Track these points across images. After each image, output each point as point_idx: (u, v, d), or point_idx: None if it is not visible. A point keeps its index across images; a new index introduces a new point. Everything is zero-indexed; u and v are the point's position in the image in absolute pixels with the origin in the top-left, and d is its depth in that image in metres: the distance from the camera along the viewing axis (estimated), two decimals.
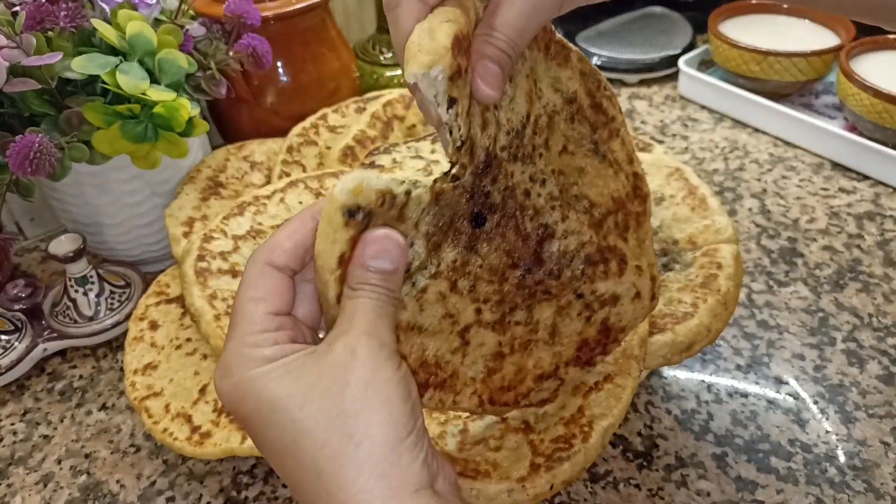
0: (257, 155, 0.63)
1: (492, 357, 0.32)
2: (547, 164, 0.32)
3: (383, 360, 0.26)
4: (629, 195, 0.35)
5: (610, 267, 0.35)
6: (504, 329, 0.32)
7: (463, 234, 0.30)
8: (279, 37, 0.62)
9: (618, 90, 0.88)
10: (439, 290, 0.30)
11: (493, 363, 0.32)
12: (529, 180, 0.31)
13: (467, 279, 0.30)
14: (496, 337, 0.32)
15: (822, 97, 0.82)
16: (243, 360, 0.26)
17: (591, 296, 0.34)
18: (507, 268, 0.31)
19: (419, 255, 0.29)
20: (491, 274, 0.31)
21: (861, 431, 0.47)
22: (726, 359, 0.53)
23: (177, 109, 0.47)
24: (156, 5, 0.52)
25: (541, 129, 0.32)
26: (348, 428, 0.25)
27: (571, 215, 0.33)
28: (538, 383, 0.34)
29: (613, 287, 0.35)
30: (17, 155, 0.44)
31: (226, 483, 0.46)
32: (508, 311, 0.32)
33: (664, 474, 0.45)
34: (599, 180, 0.34)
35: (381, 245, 0.27)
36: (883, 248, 0.63)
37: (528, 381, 0.34)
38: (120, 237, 0.59)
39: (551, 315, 0.33)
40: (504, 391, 0.33)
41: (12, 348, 0.53)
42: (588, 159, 0.34)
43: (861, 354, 0.53)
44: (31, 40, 0.46)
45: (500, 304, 0.32)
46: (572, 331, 0.34)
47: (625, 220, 0.35)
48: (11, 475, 0.47)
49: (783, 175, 0.72)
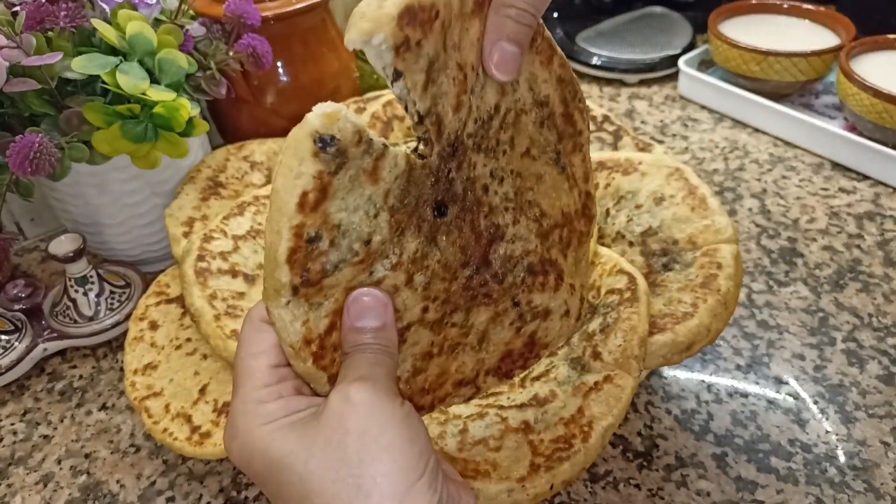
0: (257, 155, 0.63)
1: (421, 357, 0.31)
2: (508, 162, 0.31)
3: (380, 402, 0.25)
4: (577, 213, 0.35)
5: (548, 280, 0.34)
6: (440, 329, 0.31)
7: (426, 221, 0.28)
8: (279, 37, 0.62)
9: (618, 90, 0.88)
10: (395, 283, 0.28)
11: (420, 363, 0.31)
12: (490, 175, 0.30)
13: (424, 274, 0.29)
14: (431, 336, 0.31)
15: (822, 97, 0.82)
16: (248, 419, 0.26)
17: (526, 306, 0.33)
18: (460, 266, 0.30)
19: (381, 229, 0.26)
20: (445, 271, 0.29)
21: (861, 431, 0.47)
22: (726, 359, 0.53)
23: (177, 109, 0.47)
24: (156, 5, 0.52)
25: (507, 125, 0.30)
26: (355, 479, 0.24)
27: (522, 220, 0.32)
28: (456, 389, 0.33)
29: (548, 301, 0.34)
30: (17, 155, 0.44)
31: (226, 483, 0.46)
32: (449, 312, 0.31)
33: (664, 474, 0.45)
34: (553, 192, 0.33)
35: (362, 304, 0.26)
36: (883, 248, 0.63)
37: (447, 385, 0.33)
38: (120, 237, 0.59)
39: (486, 321, 0.32)
40: (424, 394, 0.32)
41: (12, 348, 0.53)
42: (548, 167, 0.33)
43: (861, 354, 0.53)
44: (31, 40, 0.46)
45: (445, 303, 0.30)
46: (500, 340, 0.33)
47: (569, 237, 0.35)
48: (11, 475, 0.47)
49: (783, 175, 0.72)
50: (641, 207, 0.51)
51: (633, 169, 0.53)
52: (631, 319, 0.41)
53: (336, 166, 0.24)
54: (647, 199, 0.51)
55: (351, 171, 0.24)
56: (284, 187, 0.24)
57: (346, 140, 0.24)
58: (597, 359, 0.41)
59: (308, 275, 0.26)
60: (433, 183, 0.27)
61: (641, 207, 0.51)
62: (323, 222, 0.25)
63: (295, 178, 0.24)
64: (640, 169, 0.53)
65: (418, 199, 0.27)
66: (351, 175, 0.25)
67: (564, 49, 0.90)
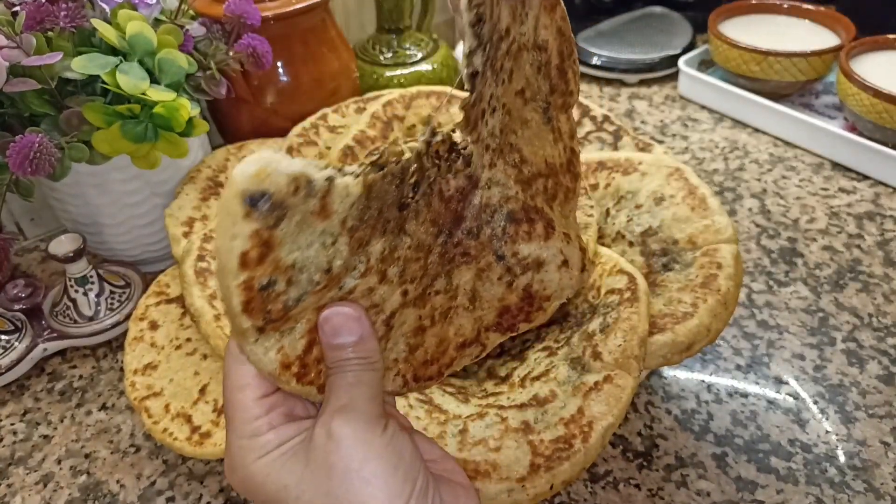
0: None
1: (412, 333, 0.30)
2: (503, 94, 0.30)
3: (361, 435, 0.26)
4: (563, 166, 0.34)
5: (535, 228, 0.32)
6: (425, 302, 0.30)
7: (391, 220, 0.27)
8: (279, 37, 0.62)
9: (618, 90, 0.88)
10: (368, 286, 0.27)
11: (414, 339, 0.30)
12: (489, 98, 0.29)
13: (396, 265, 0.28)
14: (417, 311, 0.30)
15: (822, 97, 0.82)
16: (244, 454, 0.26)
17: (512, 258, 0.32)
18: (433, 238, 0.29)
19: (340, 253, 0.25)
20: (418, 251, 0.28)
21: (861, 431, 0.47)
22: (726, 359, 0.53)
23: (177, 109, 0.47)
24: (156, 5, 0.52)
25: (511, 54, 0.29)
26: None
27: (500, 164, 0.30)
28: (461, 351, 0.32)
29: (538, 251, 0.32)
30: (17, 155, 0.44)
31: (226, 483, 0.46)
32: (429, 284, 0.30)
33: (664, 474, 0.45)
34: (537, 140, 0.32)
35: (333, 322, 0.26)
36: (883, 248, 0.63)
37: (450, 350, 0.32)
38: (120, 237, 0.59)
39: (471, 279, 0.31)
40: (427, 365, 0.31)
41: (12, 348, 0.53)
42: (536, 115, 0.32)
43: (861, 354, 0.53)
44: (31, 40, 0.46)
45: (423, 278, 0.29)
46: (493, 296, 0.32)
47: (554, 189, 0.33)
48: (11, 475, 0.47)
49: (783, 175, 0.72)
50: (641, 207, 0.51)
51: (633, 169, 0.53)
52: (631, 319, 0.41)
53: (275, 220, 0.22)
54: (647, 199, 0.51)
55: (296, 216, 0.23)
56: (223, 248, 0.23)
57: (281, 192, 0.22)
58: (597, 359, 0.41)
59: (270, 315, 0.25)
60: (398, 185, 0.26)
61: (641, 207, 0.51)
62: (274, 269, 0.24)
63: (230, 239, 0.22)
64: (640, 169, 0.53)
65: (381, 207, 0.26)
66: (297, 220, 0.23)
67: None
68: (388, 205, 0.26)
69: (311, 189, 0.23)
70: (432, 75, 0.77)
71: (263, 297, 0.24)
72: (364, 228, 0.25)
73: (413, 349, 0.31)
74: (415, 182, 0.27)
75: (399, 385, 0.31)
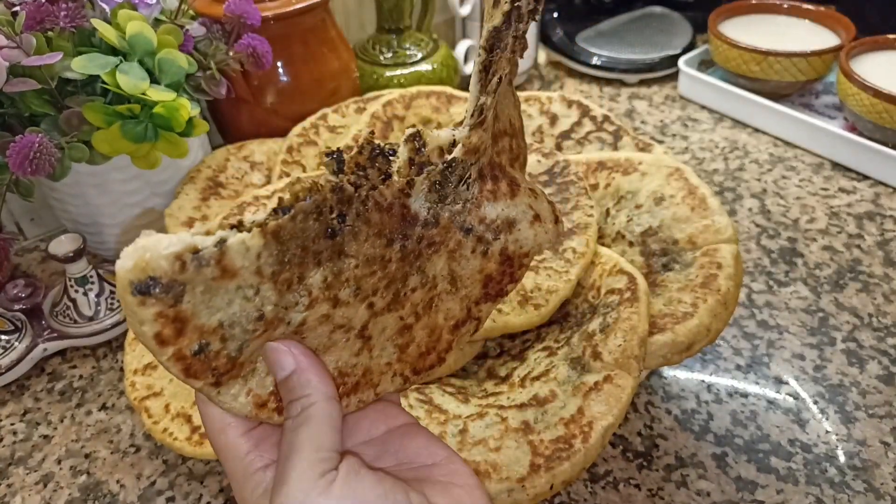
0: (257, 155, 0.63)
1: (397, 334, 0.30)
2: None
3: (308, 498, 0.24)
4: (520, 130, 0.34)
5: (500, 187, 0.31)
6: (401, 303, 0.29)
7: (323, 251, 0.26)
8: (279, 37, 0.62)
9: (618, 90, 0.88)
10: (321, 313, 0.27)
11: (401, 339, 0.30)
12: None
13: (347, 287, 0.27)
14: (395, 314, 0.29)
15: (822, 97, 0.82)
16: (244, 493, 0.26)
17: (480, 226, 0.30)
18: (383, 249, 0.28)
19: (268, 299, 0.25)
20: (369, 266, 0.27)
21: (861, 431, 0.47)
22: (726, 359, 0.53)
23: (177, 109, 0.47)
24: (156, 5, 0.52)
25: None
26: None
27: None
28: (455, 332, 0.32)
29: (506, 210, 0.31)
30: (17, 155, 0.44)
31: (226, 483, 0.46)
32: (401, 286, 0.29)
33: (664, 474, 0.45)
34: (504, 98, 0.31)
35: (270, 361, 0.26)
36: (883, 248, 0.63)
37: (444, 335, 0.32)
38: (120, 237, 0.59)
39: (445, 264, 0.30)
40: (424, 356, 0.31)
41: (12, 348, 0.53)
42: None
43: (861, 354, 0.53)
44: (31, 40, 0.46)
45: (390, 285, 0.28)
46: (472, 270, 0.31)
47: (518, 151, 0.33)
48: (11, 475, 0.47)
49: (783, 175, 0.72)
50: (641, 207, 0.51)
51: (633, 169, 0.53)
52: (631, 319, 0.41)
53: (174, 298, 0.22)
54: (647, 199, 0.51)
55: (198, 287, 0.23)
56: (137, 333, 0.23)
57: (167, 274, 0.22)
58: (597, 359, 0.41)
59: (218, 370, 0.25)
60: (316, 219, 0.25)
61: (641, 207, 0.51)
62: (200, 335, 0.24)
63: (139, 325, 0.23)
64: (640, 169, 0.53)
65: (304, 244, 0.25)
66: (200, 290, 0.23)
67: (564, 49, 0.91)
68: (313, 238, 0.25)
69: (201, 259, 0.22)
70: (432, 75, 0.77)
71: (202, 360, 0.24)
72: (289, 269, 0.25)
73: (403, 348, 0.30)
74: (338, 213, 0.26)
75: (400, 383, 0.31)
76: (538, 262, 0.47)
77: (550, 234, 0.33)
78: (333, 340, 0.28)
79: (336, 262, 0.26)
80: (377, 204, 0.27)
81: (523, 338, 0.48)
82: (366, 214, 0.26)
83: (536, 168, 0.54)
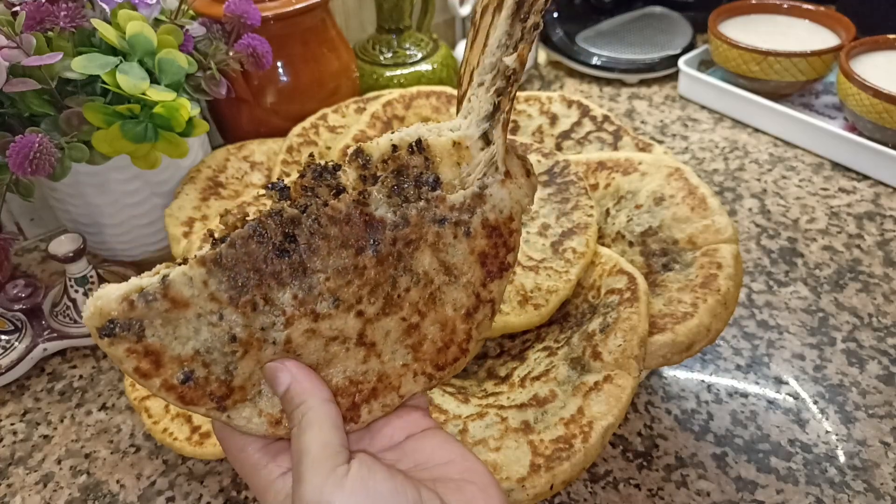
0: (257, 155, 0.63)
1: (405, 335, 0.30)
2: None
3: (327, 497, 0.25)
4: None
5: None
6: (398, 306, 0.30)
7: (283, 270, 0.27)
8: (279, 37, 0.62)
9: (618, 90, 0.88)
10: (303, 329, 0.28)
11: (411, 339, 0.30)
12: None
13: (324, 299, 0.28)
14: (395, 317, 0.30)
15: (822, 97, 0.82)
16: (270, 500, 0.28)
17: (452, 213, 0.30)
18: (353, 257, 0.28)
19: (236, 321, 0.27)
20: (343, 276, 0.28)
21: (861, 431, 0.47)
22: (726, 359, 0.53)
23: (177, 109, 0.47)
24: (156, 5, 0.52)
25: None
26: None
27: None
28: (469, 321, 0.31)
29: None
30: (17, 155, 0.44)
31: (226, 483, 0.46)
32: (391, 289, 0.30)
33: (664, 474, 0.45)
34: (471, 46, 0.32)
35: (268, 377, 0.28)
36: (883, 248, 0.63)
37: (458, 326, 0.31)
38: (120, 237, 0.59)
39: (431, 257, 0.30)
40: (444, 351, 0.31)
41: (12, 348, 0.53)
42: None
43: (861, 354, 0.53)
44: (31, 40, 0.46)
45: (375, 290, 0.29)
46: (463, 255, 0.31)
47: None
48: (11, 475, 0.47)
49: (783, 175, 0.72)
50: (641, 207, 0.51)
51: (633, 169, 0.53)
52: (631, 319, 0.41)
53: (136, 334, 0.26)
54: (647, 199, 0.51)
55: (156, 320, 0.26)
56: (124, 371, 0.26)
57: (121, 314, 0.25)
58: (597, 359, 0.41)
59: (215, 394, 0.27)
60: (260, 242, 0.27)
61: (641, 207, 0.51)
62: (179, 365, 0.26)
63: (119, 364, 0.26)
64: (640, 169, 0.53)
65: (255, 265, 0.27)
66: (159, 323, 0.26)
67: (565, 49, 0.91)
68: (263, 260, 0.27)
69: (146, 296, 0.25)
70: (432, 75, 0.77)
71: (192, 388, 0.27)
72: (248, 292, 0.27)
73: (416, 347, 0.30)
74: (284, 234, 0.27)
75: (425, 382, 0.31)
76: (538, 262, 0.47)
77: (525, 188, 0.32)
78: (332, 353, 0.29)
79: (303, 280, 0.28)
80: (332, 218, 0.28)
81: (523, 338, 0.48)
82: (321, 230, 0.28)
83: (536, 168, 0.54)
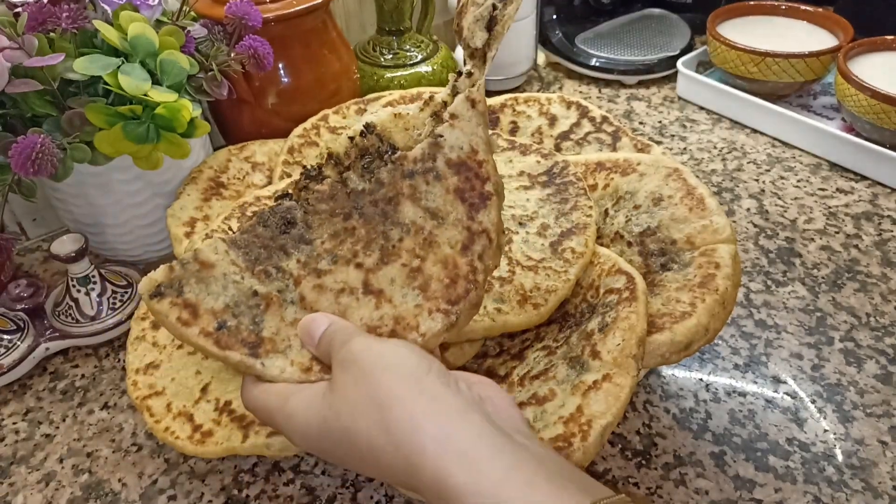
0: (259, 156, 0.63)
1: (410, 277, 0.34)
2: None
3: (368, 343, 0.31)
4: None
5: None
6: (396, 254, 0.34)
7: (287, 243, 0.34)
8: (280, 38, 0.62)
9: (616, 91, 0.89)
10: (311, 286, 0.34)
11: (417, 281, 0.34)
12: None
13: (324, 258, 0.34)
14: (396, 265, 0.34)
15: (820, 98, 0.83)
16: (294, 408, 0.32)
17: (416, 165, 0.35)
18: (342, 221, 0.34)
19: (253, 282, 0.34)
20: (337, 238, 0.34)
21: (859, 430, 0.47)
22: (724, 358, 0.53)
23: (178, 110, 0.47)
24: (157, 7, 0.53)
25: None
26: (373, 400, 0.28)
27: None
28: (467, 253, 0.34)
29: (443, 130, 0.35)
30: (20, 155, 0.44)
31: (227, 482, 0.46)
32: (384, 241, 0.34)
33: (663, 473, 0.45)
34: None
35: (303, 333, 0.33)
36: (880, 248, 0.63)
37: (459, 261, 0.34)
38: (122, 237, 0.59)
39: (412, 206, 0.34)
40: (452, 286, 0.34)
41: (14, 348, 0.53)
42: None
43: (859, 354, 0.53)
44: (33, 41, 0.46)
45: (369, 244, 0.34)
46: (440, 195, 0.35)
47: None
48: (13, 474, 0.47)
49: (781, 175, 0.72)
50: (640, 208, 0.52)
51: (632, 169, 0.54)
52: (629, 319, 0.42)
53: (177, 291, 0.33)
54: (646, 200, 0.52)
55: (191, 279, 0.33)
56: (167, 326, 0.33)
57: (164, 277, 0.33)
58: (596, 358, 0.41)
59: (247, 340, 0.33)
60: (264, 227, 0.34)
61: (640, 208, 0.52)
62: (213, 316, 0.33)
63: (165, 318, 0.33)
64: (639, 169, 0.53)
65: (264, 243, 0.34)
66: (194, 281, 0.33)
67: (564, 50, 0.91)
68: (271, 238, 0.34)
69: (183, 261, 0.33)
70: (432, 76, 0.77)
71: (227, 335, 0.33)
72: (261, 263, 0.34)
73: (424, 287, 0.34)
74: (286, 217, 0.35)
75: (442, 318, 0.34)
76: (537, 262, 0.48)
77: (475, 119, 0.36)
78: (344, 304, 0.34)
79: (304, 248, 0.34)
80: (319, 199, 0.35)
81: (522, 337, 0.48)
82: (313, 209, 0.35)
83: (536, 168, 0.54)
